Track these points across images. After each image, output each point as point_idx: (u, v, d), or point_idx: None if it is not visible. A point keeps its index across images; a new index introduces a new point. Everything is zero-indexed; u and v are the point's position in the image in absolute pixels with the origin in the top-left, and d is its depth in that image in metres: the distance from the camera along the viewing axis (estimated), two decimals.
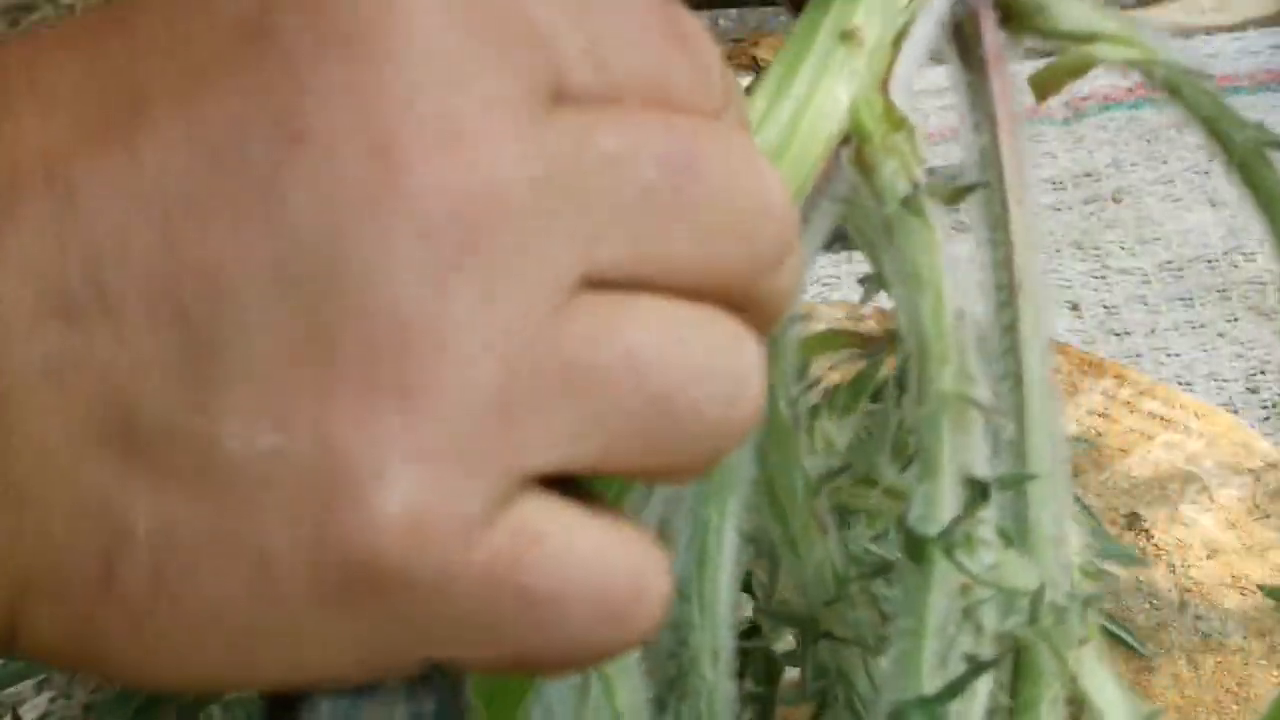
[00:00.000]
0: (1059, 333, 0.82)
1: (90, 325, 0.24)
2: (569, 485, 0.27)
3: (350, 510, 0.25)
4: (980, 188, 0.43)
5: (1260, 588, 0.66)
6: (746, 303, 0.29)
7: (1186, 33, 1.11)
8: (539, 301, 0.26)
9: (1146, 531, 0.72)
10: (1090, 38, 0.45)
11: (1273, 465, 0.74)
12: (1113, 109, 1.05)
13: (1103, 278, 0.92)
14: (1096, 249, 0.95)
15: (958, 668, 0.38)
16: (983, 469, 0.39)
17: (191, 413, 0.25)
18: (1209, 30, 1.11)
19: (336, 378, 0.25)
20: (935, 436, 0.39)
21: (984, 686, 0.39)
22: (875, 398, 0.51)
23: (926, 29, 0.42)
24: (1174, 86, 0.45)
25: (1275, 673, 0.66)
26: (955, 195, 0.42)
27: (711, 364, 0.27)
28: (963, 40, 0.45)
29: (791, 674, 0.50)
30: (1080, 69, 0.45)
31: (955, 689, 0.37)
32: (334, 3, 0.26)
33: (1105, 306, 0.92)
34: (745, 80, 0.57)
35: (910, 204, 0.41)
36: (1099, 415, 0.75)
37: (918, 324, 0.40)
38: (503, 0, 0.27)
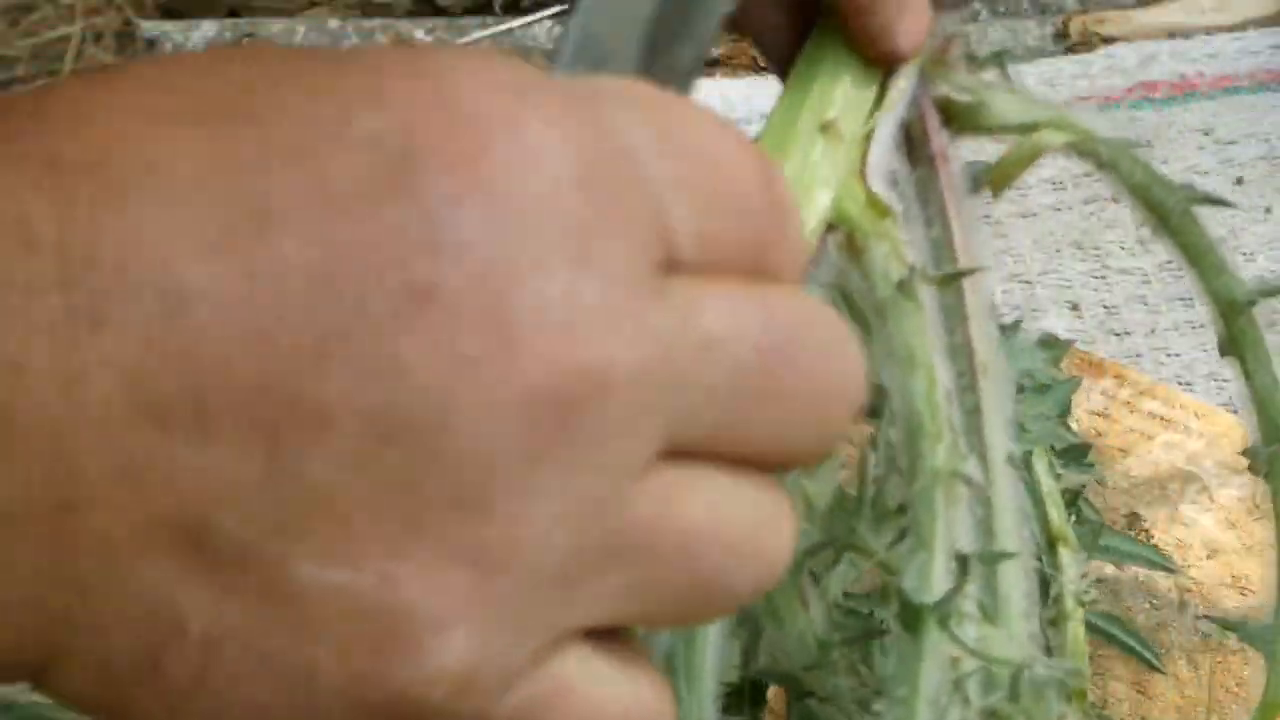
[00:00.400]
0: (1059, 333, 0.82)
1: (180, 434, 0.24)
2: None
3: (404, 656, 0.25)
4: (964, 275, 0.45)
5: (1207, 617, 0.66)
6: (796, 464, 0.30)
7: (1186, 33, 1.11)
8: (619, 478, 0.26)
9: (1146, 531, 0.72)
10: (1031, 127, 0.47)
11: None
12: (1112, 109, 1.05)
13: (1103, 278, 0.92)
14: (1096, 249, 0.95)
15: None
16: (967, 544, 0.41)
17: (268, 534, 0.25)
18: (1209, 30, 1.11)
19: (416, 529, 0.25)
20: (929, 511, 0.41)
21: None
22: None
23: (891, 125, 0.45)
24: (1112, 162, 0.48)
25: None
26: (946, 280, 0.44)
27: (756, 546, 0.29)
28: (911, 140, 0.47)
29: None
30: (1030, 158, 0.47)
31: None
32: (476, 146, 0.25)
33: (1105, 306, 0.92)
34: (745, 80, 0.57)
35: (904, 288, 0.43)
36: (1099, 415, 0.75)
37: (910, 402, 0.42)
38: (623, 161, 0.27)
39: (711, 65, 1.12)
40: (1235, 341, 0.50)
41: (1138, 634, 0.64)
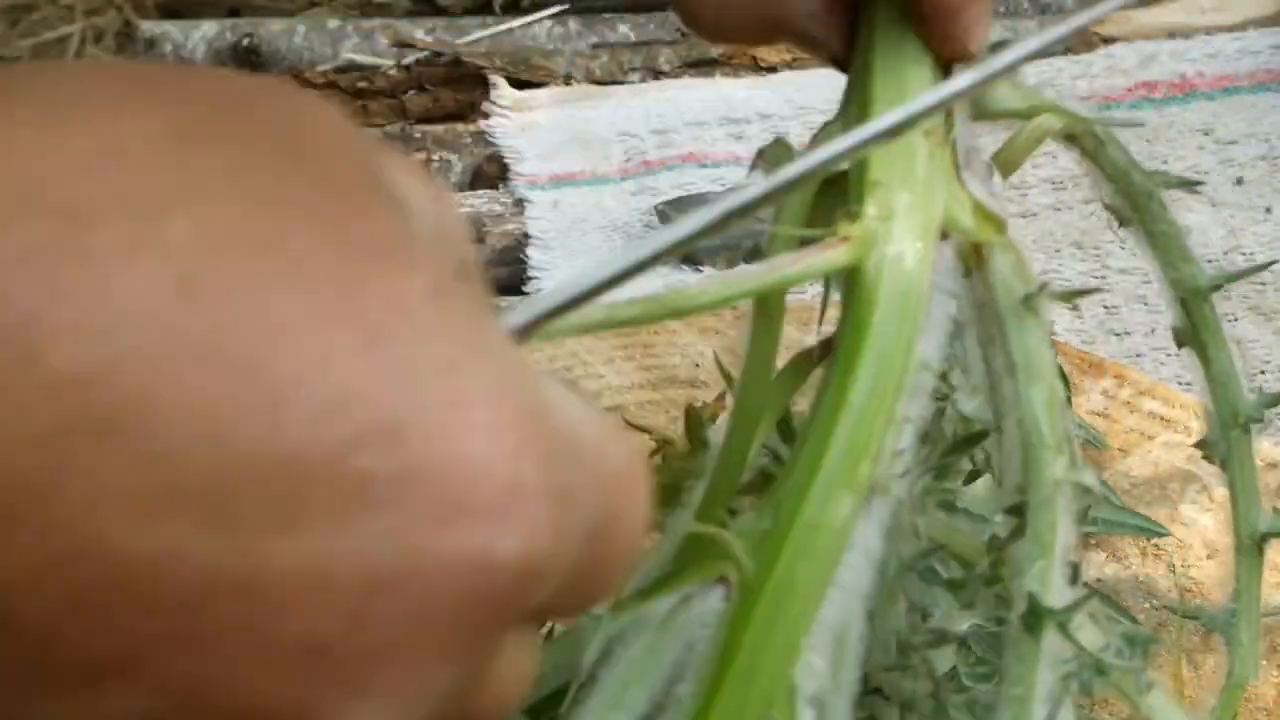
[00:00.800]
0: (1059, 333, 0.82)
1: None
2: None
3: None
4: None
5: (1168, 607, 0.66)
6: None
7: (1186, 33, 1.11)
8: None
9: None
10: (1030, 113, 0.47)
11: (1273, 465, 0.74)
12: (1112, 109, 1.05)
13: (1103, 278, 0.92)
14: (1096, 249, 0.95)
15: None
16: (1078, 554, 0.43)
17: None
18: (1209, 30, 1.11)
19: None
20: (1048, 520, 0.42)
21: None
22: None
23: (964, 125, 0.45)
24: (1101, 147, 0.49)
25: (1275, 673, 0.66)
26: (1070, 297, 0.45)
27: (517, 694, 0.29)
28: None
29: None
30: (1034, 141, 0.48)
31: None
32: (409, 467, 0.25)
33: (1105, 306, 0.92)
34: (746, 80, 0.57)
35: (1029, 302, 0.44)
36: (1099, 415, 0.75)
37: (1030, 413, 0.43)
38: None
39: (711, 65, 1.12)
40: (1195, 329, 0.52)
41: (1134, 619, 0.64)
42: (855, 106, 0.45)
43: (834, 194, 0.43)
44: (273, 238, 0.25)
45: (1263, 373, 0.88)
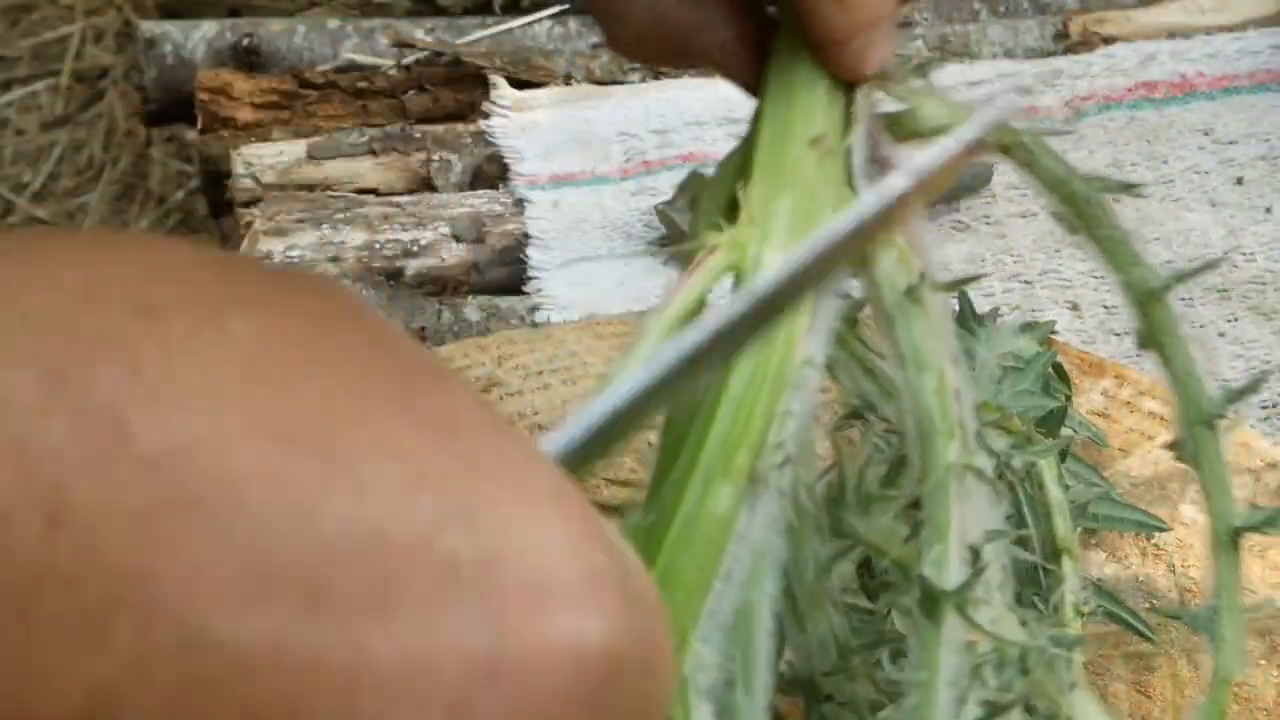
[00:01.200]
0: (1059, 333, 0.82)
1: None
2: None
3: None
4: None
5: (1154, 608, 0.66)
6: None
7: (1186, 33, 1.11)
8: None
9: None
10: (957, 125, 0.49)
11: (1273, 465, 0.74)
12: (1112, 109, 1.05)
13: (1103, 278, 0.92)
14: None
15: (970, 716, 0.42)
16: (978, 536, 0.43)
17: None
18: (1209, 30, 1.11)
19: None
20: (943, 504, 0.43)
21: None
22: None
23: (862, 136, 0.47)
24: (1032, 157, 0.50)
25: (1275, 673, 0.66)
26: (953, 287, 0.47)
27: None
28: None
29: None
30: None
31: None
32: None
33: (1105, 306, 0.92)
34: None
35: (912, 294, 0.45)
36: (1099, 415, 0.75)
37: (921, 402, 0.44)
38: None
39: None
40: (1153, 331, 0.52)
41: (1135, 612, 0.65)
42: (750, 130, 0.48)
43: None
44: (324, 340, 0.25)
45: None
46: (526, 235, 0.98)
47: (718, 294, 0.44)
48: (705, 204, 0.47)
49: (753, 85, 0.48)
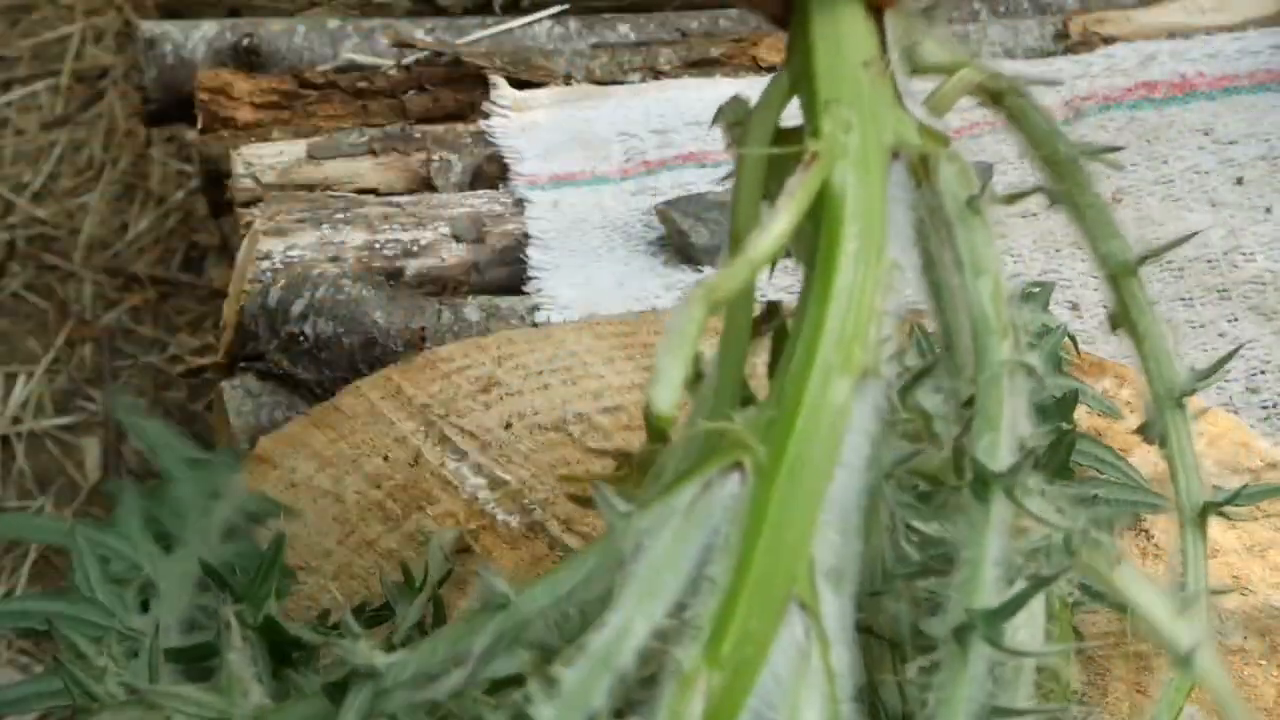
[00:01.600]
0: None
1: None
2: None
3: None
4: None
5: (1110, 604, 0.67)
6: None
7: (1186, 33, 1.11)
8: None
9: (1146, 531, 0.72)
10: (954, 67, 0.52)
11: (1273, 465, 0.74)
12: (1112, 109, 1.05)
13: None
14: None
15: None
16: (1026, 429, 0.47)
17: None
18: (1209, 30, 1.11)
19: None
20: (995, 397, 0.47)
21: (1039, 608, 0.47)
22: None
23: (899, 57, 0.50)
24: (1019, 107, 0.53)
25: (1275, 673, 0.66)
26: (1011, 199, 0.50)
27: None
28: None
29: None
30: (960, 92, 0.52)
31: (1017, 603, 0.44)
32: None
33: (1105, 306, 0.92)
34: (746, 80, 0.58)
35: (973, 204, 0.49)
36: (1100, 415, 0.75)
37: (978, 304, 0.48)
38: None
39: (711, 65, 1.12)
40: (1125, 306, 0.55)
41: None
42: (798, 55, 0.50)
43: (787, 159, 0.48)
44: None
45: (1263, 373, 0.88)
46: (526, 235, 0.98)
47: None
48: (755, 127, 0.50)
49: (779, 17, 0.51)
